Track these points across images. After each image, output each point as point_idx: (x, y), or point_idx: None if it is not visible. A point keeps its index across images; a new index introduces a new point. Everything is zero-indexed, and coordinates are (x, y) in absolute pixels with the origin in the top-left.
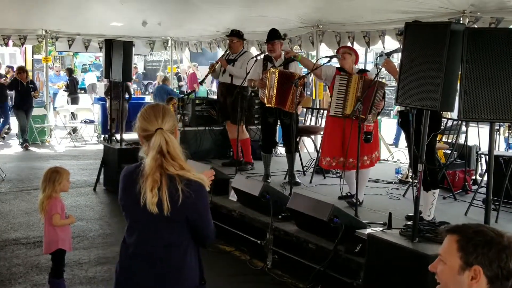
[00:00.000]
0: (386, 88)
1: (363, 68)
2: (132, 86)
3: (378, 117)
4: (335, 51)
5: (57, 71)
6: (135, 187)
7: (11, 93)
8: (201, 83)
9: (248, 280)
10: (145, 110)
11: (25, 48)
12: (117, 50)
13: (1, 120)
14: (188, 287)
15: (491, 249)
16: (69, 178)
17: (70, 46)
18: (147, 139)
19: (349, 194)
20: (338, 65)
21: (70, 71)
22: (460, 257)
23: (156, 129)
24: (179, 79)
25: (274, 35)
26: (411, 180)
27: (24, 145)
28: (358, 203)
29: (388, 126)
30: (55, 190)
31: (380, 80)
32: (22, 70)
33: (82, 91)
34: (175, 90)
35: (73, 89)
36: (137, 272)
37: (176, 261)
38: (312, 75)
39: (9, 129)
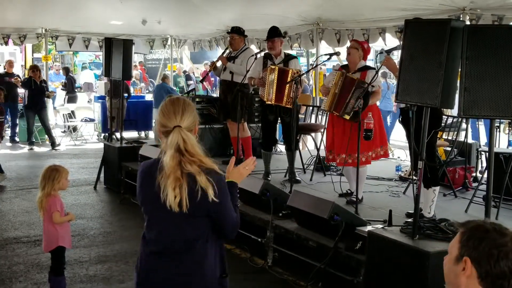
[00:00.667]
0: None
1: (368, 65)
2: (140, 85)
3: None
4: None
5: (56, 70)
6: (154, 183)
7: (22, 92)
8: (202, 81)
9: (249, 278)
10: (165, 105)
11: (25, 47)
12: (117, 48)
13: (9, 123)
14: (208, 280)
15: (482, 243)
16: (68, 176)
17: (70, 45)
18: (166, 135)
19: (349, 191)
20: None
21: (67, 70)
22: (458, 248)
23: (174, 127)
24: (188, 77)
25: (274, 33)
26: (411, 177)
27: (30, 147)
28: (357, 200)
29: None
30: (54, 188)
31: (362, 80)
32: (35, 68)
33: (82, 90)
34: (183, 88)
35: (70, 88)
36: (158, 267)
37: (196, 256)
38: (312, 73)
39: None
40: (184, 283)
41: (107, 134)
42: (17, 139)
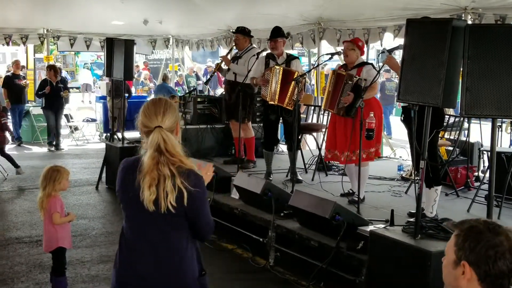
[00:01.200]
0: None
1: (365, 61)
2: (149, 85)
3: None
4: (342, 45)
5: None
6: (134, 181)
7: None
8: (206, 83)
9: (251, 277)
10: (147, 106)
11: (26, 47)
12: (118, 48)
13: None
14: (189, 278)
15: (478, 245)
16: (69, 177)
17: (72, 45)
18: (147, 135)
19: (351, 191)
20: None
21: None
22: (454, 252)
23: (155, 127)
24: (197, 77)
25: (277, 33)
26: (413, 177)
27: (50, 147)
28: (359, 200)
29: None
30: (54, 189)
31: (350, 73)
32: (51, 68)
33: (79, 90)
34: (191, 87)
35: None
36: (137, 264)
37: (176, 253)
38: (313, 72)
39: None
40: (164, 282)
41: (108, 134)
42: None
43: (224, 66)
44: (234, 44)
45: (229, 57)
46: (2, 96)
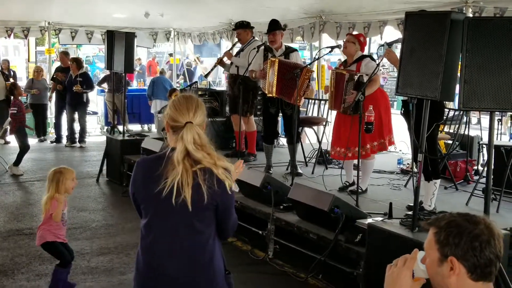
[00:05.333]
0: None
1: (364, 54)
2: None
3: None
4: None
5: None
6: (159, 179)
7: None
8: (206, 76)
9: (250, 270)
10: (178, 100)
11: (28, 40)
12: (119, 41)
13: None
14: (219, 276)
15: (462, 238)
16: (74, 177)
17: (73, 38)
18: (174, 130)
19: (346, 183)
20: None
21: None
22: (437, 250)
23: (186, 122)
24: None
25: (274, 26)
26: (412, 170)
27: (67, 144)
28: (361, 191)
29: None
30: (58, 191)
31: (354, 72)
32: (75, 60)
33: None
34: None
35: None
36: (168, 264)
37: (206, 251)
38: (315, 64)
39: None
40: (196, 280)
41: (109, 127)
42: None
43: (226, 60)
44: (237, 40)
45: (232, 52)
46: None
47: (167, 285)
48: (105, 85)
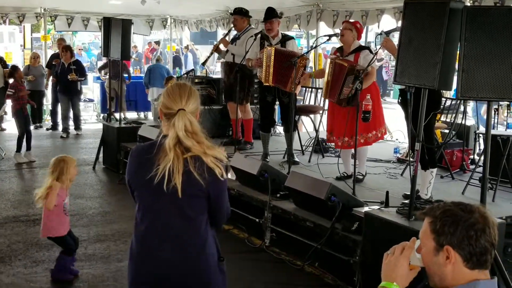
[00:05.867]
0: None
1: (362, 45)
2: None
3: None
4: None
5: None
6: (151, 167)
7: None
8: (203, 64)
9: (246, 257)
10: (171, 88)
11: (23, 26)
12: (115, 28)
13: None
14: (211, 261)
15: (458, 227)
16: (75, 164)
17: (69, 25)
18: (168, 117)
19: (345, 174)
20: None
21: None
22: (433, 239)
23: (178, 109)
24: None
25: (271, 14)
26: (409, 159)
27: (63, 134)
28: (362, 176)
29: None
30: (61, 180)
31: (355, 65)
32: (68, 49)
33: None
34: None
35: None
36: (162, 251)
37: (199, 237)
38: (312, 53)
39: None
40: (189, 266)
41: (106, 114)
42: None
43: (222, 47)
44: (232, 25)
45: (227, 38)
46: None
47: (160, 270)
48: (105, 72)
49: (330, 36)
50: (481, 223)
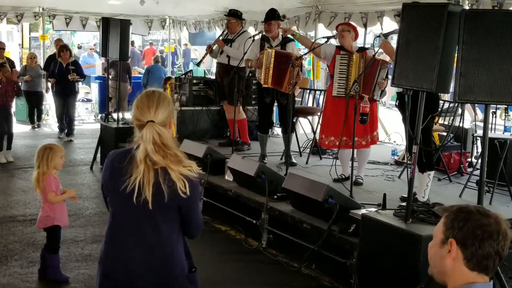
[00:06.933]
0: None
1: (362, 46)
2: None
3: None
4: (335, 28)
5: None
6: (124, 174)
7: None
8: (198, 64)
9: (243, 259)
10: (140, 99)
11: (22, 26)
12: (114, 28)
13: None
14: (178, 272)
15: (467, 223)
16: (63, 155)
17: (67, 24)
18: (140, 128)
19: (343, 176)
20: (337, 44)
21: None
22: (442, 232)
23: (147, 121)
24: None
25: (271, 15)
26: (406, 162)
27: (61, 134)
28: (361, 179)
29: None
30: (48, 167)
31: (382, 58)
32: (64, 48)
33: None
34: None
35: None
36: (128, 258)
37: (166, 246)
38: (311, 54)
39: None
40: (155, 276)
41: (104, 114)
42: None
43: (215, 47)
44: (226, 27)
45: (221, 39)
46: None
47: (127, 278)
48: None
49: (328, 38)
50: (492, 227)
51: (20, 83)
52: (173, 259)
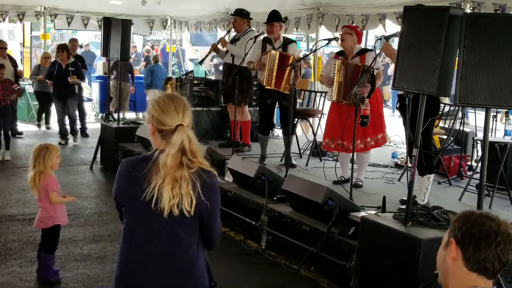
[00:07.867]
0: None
1: (364, 47)
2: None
3: None
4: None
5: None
6: (142, 183)
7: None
8: (201, 63)
9: (242, 260)
10: (163, 101)
11: (23, 24)
12: (115, 28)
13: None
14: (200, 285)
15: (466, 223)
16: (59, 154)
17: (69, 23)
18: (162, 133)
19: (342, 178)
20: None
21: None
22: (447, 234)
23: (177, 125)
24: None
25: (274, 17)
26: (406, 165)
27: (61, 141)
28: (361, 183)
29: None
30: (45, 167)
31: (366, 64)
32: (62, 48)
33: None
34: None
35: None
36: (149, 268)
37: (188, 259)
38: (311, 56)
39: None
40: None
41: (104, 114)
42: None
43: (221, 47)
44: (232, 26)
45: (227, 38)
46: None
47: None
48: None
49: (329, 40)
50: (489, 228)
51: (32, 82)
52: (195, 272)
